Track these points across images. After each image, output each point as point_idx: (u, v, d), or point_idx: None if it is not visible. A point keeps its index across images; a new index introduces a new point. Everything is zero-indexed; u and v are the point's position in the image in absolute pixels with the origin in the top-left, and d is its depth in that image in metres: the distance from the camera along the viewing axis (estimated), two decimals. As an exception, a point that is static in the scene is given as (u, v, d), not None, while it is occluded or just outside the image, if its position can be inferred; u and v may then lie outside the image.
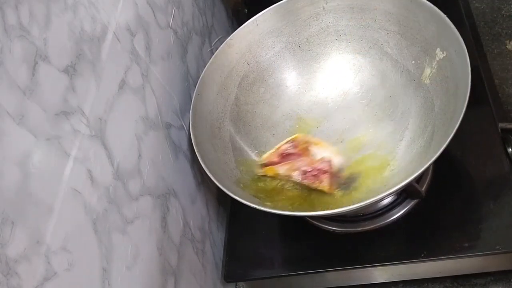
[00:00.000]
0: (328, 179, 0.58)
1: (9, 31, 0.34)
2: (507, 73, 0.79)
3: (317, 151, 0.62)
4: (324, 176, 0.58)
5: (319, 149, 0.62)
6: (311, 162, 0.60)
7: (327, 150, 0.62)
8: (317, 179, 0.58)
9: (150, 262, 0.49)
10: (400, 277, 0.65)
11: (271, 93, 0.69)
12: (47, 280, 0.34)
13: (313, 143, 0.63)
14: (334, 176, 0.59)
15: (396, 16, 0.63)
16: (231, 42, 0.67)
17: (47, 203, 0.36)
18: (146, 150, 0.52)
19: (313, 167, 0.59)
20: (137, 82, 0.52)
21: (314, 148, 0.62)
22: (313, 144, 0.63)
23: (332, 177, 0.58)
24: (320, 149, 0.62)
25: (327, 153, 0.61)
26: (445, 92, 0.57)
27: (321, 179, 0.58)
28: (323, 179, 0.58)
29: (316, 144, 0.62)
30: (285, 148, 0.63)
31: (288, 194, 0.60)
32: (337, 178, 0.59)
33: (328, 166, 0.59)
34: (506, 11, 0.85)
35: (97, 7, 0.46)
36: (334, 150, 0.62)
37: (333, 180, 0.58)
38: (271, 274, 0.62)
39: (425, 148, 0.57)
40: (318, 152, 0.62)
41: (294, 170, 0.60)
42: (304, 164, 0.60)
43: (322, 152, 0.62)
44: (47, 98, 0.37)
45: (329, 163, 0.59)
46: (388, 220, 0.61)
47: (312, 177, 0.59)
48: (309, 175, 0.59)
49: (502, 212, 0.57)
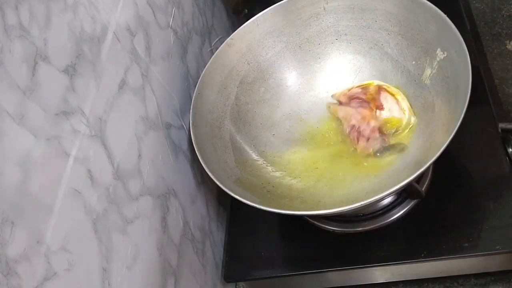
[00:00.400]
0: (364, 143, 0.60)
1: (9, 31, 0.34)
2: (507, 73, 0.79)
3: (387, 102, 0.62)
4: (362, 139, 0.60)
5: (390, 100, 0.62)
6: (368, 116, 0.61)
7: (398, 104, 0.61)
8: (357, 139, 0.61)
9: (150, 262, 0.49)
10: (401, 277, 0.65)
11: (271, 93, 0.69)
12: (47, 280, 0.34)
13: (388, 92, 0.62)
14: (376, 138, 0.60)
15: (397, 17, 0.63)
16: (231, 42, 0.67)
17: (47, 203, 0.36)
18: (146, 150, 0.52)
19: (360, 125, 0.61)
20: (137, 82, 0.52)
21: (385, 97, 0.62)
22: (388, 92, 0.62)
23: (369, 141, 0.60)
24: (391, 101, 0.62)
25: (396, 107, 0.61)
26: (445, 93, 0.57)
27: (359, 140, 0.61)
28: (360, 141, 0.61)
29: (391, 94, 0.62)
30: (355, 92, 0.64)
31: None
32: (382, 141, 0.60)
33: (370, 132, 0.60)
34: (506, 11, 0.84)
35: (97, 7, 0.46)
36: (406, 105, 0.61)
37: (370, 144, 0.60)
38: (271, 274, 0.62)
39: (425, 148, 0.57)
40: (388, 103, 0.62)
41: (348, 119, 0.63)
42: (360, 117, 0.61)
43: (392, 104, 0.61)
44: (47, 98, 0.37)
45: (375, 128, 0.60)
46: (388, 220, 0.61)
47: (356, 133, 0.61)
48: (354, 131, 0.61)
49: (502, 212, 0.57)
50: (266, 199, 0.58)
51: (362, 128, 0.61)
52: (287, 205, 0.58)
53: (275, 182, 0.62)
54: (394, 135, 0.61)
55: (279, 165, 0.64)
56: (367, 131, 0.60)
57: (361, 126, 0.61)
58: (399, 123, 0.61)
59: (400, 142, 0.60)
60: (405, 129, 0.61)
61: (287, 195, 0.60)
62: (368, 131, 0.60)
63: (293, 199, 0.59)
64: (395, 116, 0.62)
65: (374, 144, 0.60)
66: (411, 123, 0.60)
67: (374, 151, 0.60)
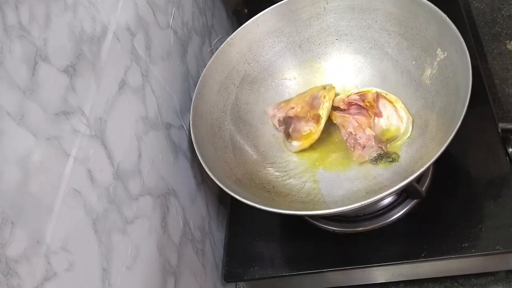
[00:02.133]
0: (360, 151, 0.60)
1: (9, 31, 0.34)
2: (507, 73, 0.79)
3: (385, 109, 0.62)
4: (358, 147, 0.60)
5: (388, 108, 0.62)
6: (365, 124, 0.61)
7: (396, 112, 0.61)
8: (353, 146, 0.61)
9: (150, 262, 0.49)
10: (401, 277, 0.65)
11: (272, 93, 0.69)
12: (47, 280, 0.34)
13: (386, 99, 0.62)
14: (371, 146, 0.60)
15: (397, 17, 0.62)
16: (231, 42, 0.67)
17: (47, 203, 0.36)
18: (146, 150, 0.52)
19: (356, 132, 0.61)
20: (137, 82, 0.52)
21: (384, 105, 0.62)
22: (386, 100, 0.62)
23: (365, 149, 0.60)
24: (389, 108, 0.62)
25: (395, 115, 0.61)
26: (445, 93, 0.57)
27: (355, 148, 0.61)
28: (355, 149, 0.61)
29: (389, 102, 0.62)
30: (353, 98, 0.64)
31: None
32: (378, 149, 0.60)
33: (366, 140, 0.60)
34: (506, 11, 0.84)
35: (97, 7, 0.46)
36: (405, 114, 0.61)
37: (366, 152, 0.60)
38: (271, 274, 0.62)
39: (425, 148, 0.57)
40: (387, 111, 0.62)
41: (345, 126, 0.63)
42: (357, 124, 0.62)
43: (390, 112, 0.62)
44: (47, 98, 0.37)
45: (370, 137, 0.60)
46: (388, 220, 0.61)
47: (353, 140, 0.61)
48: (351, 138, 0.61)
49: (502, 212, 0.57)
50: (266, 199, 0.58)
51: (358, 136, 0.61)
52: (287, 205, 0.58)
53: (275, 182, 0.62)
54: (391, 143, 0.61)
55: (279, 165, 0.64)
56: (363, 139, 0.60)
57: (357, 133, 0.61)
58: (396, 131, 0.61)
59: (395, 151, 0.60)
60: (402, 138, 0.61)
61: (287, 195, 0.60)
62: (364, 139, 0.60)
63: (293, 199, 0.59)
64: (393, 124, 0.62)
65: (370, 152, 0.60)
66: (409, 133, 0.60)
67: (370, 159, 0.60)
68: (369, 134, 0.60)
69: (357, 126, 0.61)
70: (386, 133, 0.62)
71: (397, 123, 0.61)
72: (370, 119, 0.62)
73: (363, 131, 0.61)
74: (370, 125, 0.62)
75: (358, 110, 0.63)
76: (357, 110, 0.63)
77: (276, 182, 0.62)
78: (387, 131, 0.62)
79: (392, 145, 0.61)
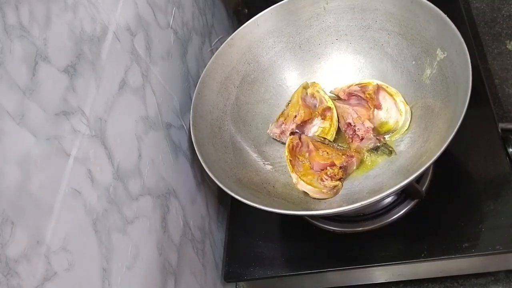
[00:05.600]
0: (357, 142, 0.61)
1: (9, 31, 0.34)
2: (507, 73, 0.79)
3: (385, 102, 0.62)
4: (356, 139, 0.61)
5: (388, 100, 0.62)
6: (364, 115, 0.62)
7: (396, 105, 0.62)
8: (351, 137, 0.61)
9: (150, 262, 0.49)
10: (401, 277, 0.65)
11: (272, 93, 0.69)
12: (47, 280, 0.34)
13: (387, 92, 0.62)
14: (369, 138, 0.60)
15: (397, 17, 0.62)
16: (231, 42, 0.67)
17: (47, 203, 0.36)
18: (146, 150, 0.52)
19: (355, 123, 0.61)
20: (137, 82, 0.52)
21: (384, 97, 0.62)
22: (386, 92, 0.62)
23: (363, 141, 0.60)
24: (389, 101, 0.62)
25: (394, 108, 0.62)
26: (445, 93, 0.57)
27: (353, 139, 0.61)
28: (354, 140, 0.61)
29: (390, 94, 0.62)
30: (354, 89, 0.64)
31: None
32: (376, 141, 0.60)
33: (365, 132, 0.60)
34: (506, 11, 0.85)
35: (97, 7, 0.46)
36: (404, 107, 0.61)
37: (364, 144, 0.61)
38: (271, 274, 0.62)
39: (425, 148, 0.57)
40: (387, 103, 0.62)
41: (344, 116, 0.63)
42: (356, 115, 0.62)
43: (390, 105, 0.62)
44: (47, 98, 0.37)
45: (369, 129, 0.60)
46: (388, 220, 0.61)
47: (352, 131, 0.61)
48: (350, 130, 0.62)
49: (502, 212, 0.57)
50: (266, 199, 0.58)
51: (357, 127, 0.61)
52: (287, 205, 0.58)
53: (275, 182, 0.62)
54: (389, 136, 0.61)
55: (279, 165, 0.64)
56: (361, 131, 0.61)
57: (356, 125, 0.61)
58: (395, 125, 0.61)
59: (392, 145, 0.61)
60: (401, 131, 0.61)
61: (287, 195, 0.60)
62: (362, 131, 0.61)
63: (293, 199, 0.59)
64: (392, 117, 0.62)
65: (368, 144, 0.60)
66: (407, 126, 0.61)
67: (367, 151, 0.61)
68: (368, 126, 0.61)
69: (357, 117, 0.62)
70: (385, 126, 0.62)
71: (396, 116, 0.62)
72: (370, 110, 0.62)
73: (362, 123, 0.61)
74: (369, 117, 0.62)
75: (358, 101, 0.64)
76: (357, 101, 0.64)
77: (276, 182, 0.62)
78: (386, 123, 0.62)
79: (392, 138, 0.61)
